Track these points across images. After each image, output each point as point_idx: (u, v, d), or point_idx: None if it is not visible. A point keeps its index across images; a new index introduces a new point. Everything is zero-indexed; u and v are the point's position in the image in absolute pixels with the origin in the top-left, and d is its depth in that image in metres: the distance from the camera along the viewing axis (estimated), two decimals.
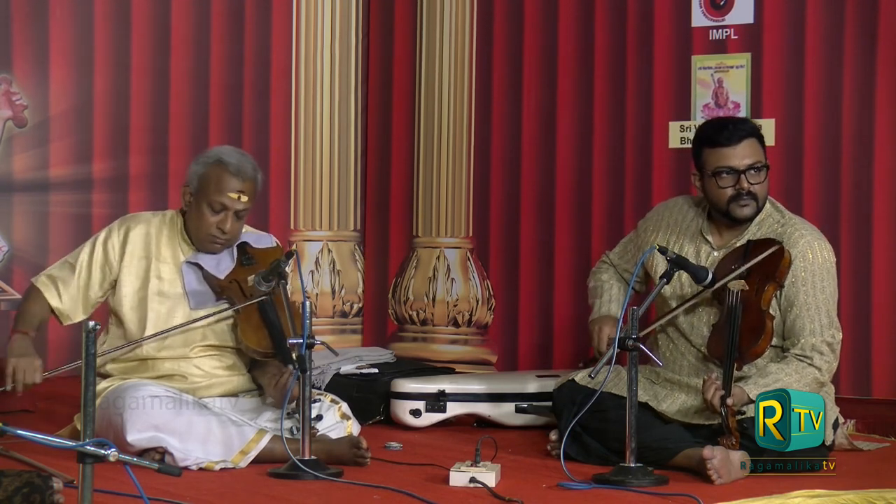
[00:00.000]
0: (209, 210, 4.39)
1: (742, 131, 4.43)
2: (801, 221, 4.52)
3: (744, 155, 4.41)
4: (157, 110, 6.16)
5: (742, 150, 4.41)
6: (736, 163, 4.40)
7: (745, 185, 4.40)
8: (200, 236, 4.44)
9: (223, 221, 4.40)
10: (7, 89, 5.85)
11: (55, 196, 5.96)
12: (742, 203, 4.43)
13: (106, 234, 4.52)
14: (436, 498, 3.74)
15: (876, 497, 3.85)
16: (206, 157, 4.45)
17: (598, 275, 4.86)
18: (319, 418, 4.34)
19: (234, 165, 4.39)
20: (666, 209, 4.69)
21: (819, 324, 4.35)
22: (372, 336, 6.54)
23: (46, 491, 3.28)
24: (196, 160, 4.48)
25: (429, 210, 6.38)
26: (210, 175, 4.39)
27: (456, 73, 6.29)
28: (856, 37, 5.31)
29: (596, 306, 4.77)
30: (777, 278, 4.34)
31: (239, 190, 4.39)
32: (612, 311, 4.71)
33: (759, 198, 4.44)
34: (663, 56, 5.72)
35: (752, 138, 4.44)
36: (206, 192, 4.39)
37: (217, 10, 6.30)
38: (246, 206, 4.41)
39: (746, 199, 4.42)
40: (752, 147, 4.43)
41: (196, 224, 4.43)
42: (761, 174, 4.41)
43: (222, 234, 4.41)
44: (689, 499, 3.78)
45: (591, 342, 4.66)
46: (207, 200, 4.39)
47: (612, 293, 4.77)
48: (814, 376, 4.31)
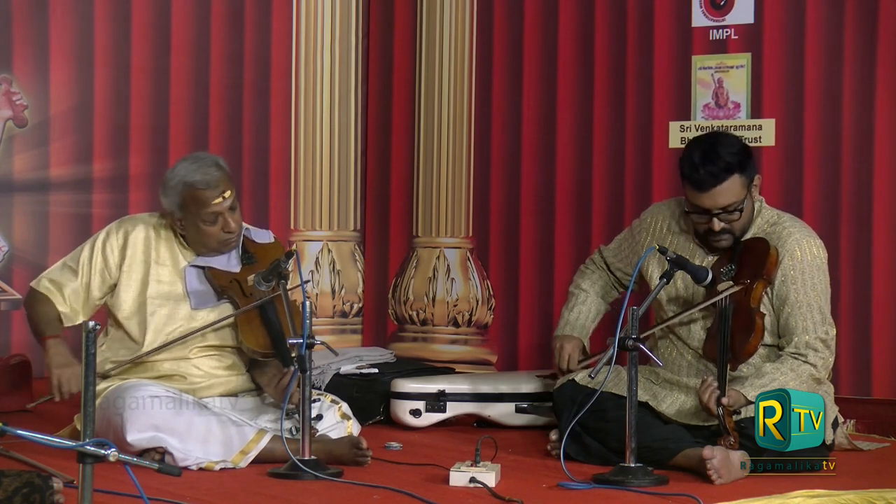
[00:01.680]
0: (205, 224, 4.39)
1: (714, 177, 4.28)
2: (791, 220, 4.49)
3: (716, 199, 4.32)
4: (157, 110, 6.16)
5: (715, 194, 4.31)
6: (707, 205, 4.33)
7: (717, 227, 4.35)
8: (212, 246, 4.44)
9: (225, 224, 4.40)
10: (7, 89, 5.85)
11: (55, 196, 5.96)
12: (716, 238, 4.40)
13: (104, 238, 4.50)
14: (436, 498, 3.74)
15: (876, 497, 3.85)
16: (172, 186, 4.38)
17: (580, 279, 4.85)
18: (319, 418, 4.34)
19: (200, 182, 4.35)
20: (660, 212, 4.68)
21: (812, 321, 4.35)
22: (372, 336, 6.54)
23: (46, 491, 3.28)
24: (163, 191, 4.41)
25: (429, 210, 6.38)
26: (185, 200, 4.37)
27: (456, 73, 6.29)
28: (856, 37, 5.31)
29: (562, 320, 4.78)
30: (765, 275, 4.33)
31: (219, 194, 4.37)
32: (577, 330, 4.73)
33: (735, 231, 4.39)
34: (663, 56, 5.71)
35: (728, 179, 4.30)
36: (192, 213, 4.38)
37: (217, 10, 6.30)
38: (232, 199, 4.41)
39: (720, 235, 4.39)
40: (727, 189, 4.31)
41: (202, 240, 4.43)
42: (736, 213, 4.34)
43: (230, 234, 4.42)
44: (689, 499, 3.78)
45: (553, 358, 4.68)
46: (198, 220, 4.39)
47: (583, 308, 4.77)
48: (809, 373, 4.31)
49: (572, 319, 4.76)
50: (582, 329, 4.75)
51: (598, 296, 4.80)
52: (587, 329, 4.77)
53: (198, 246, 4.46)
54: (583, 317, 4.76)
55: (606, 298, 4.82)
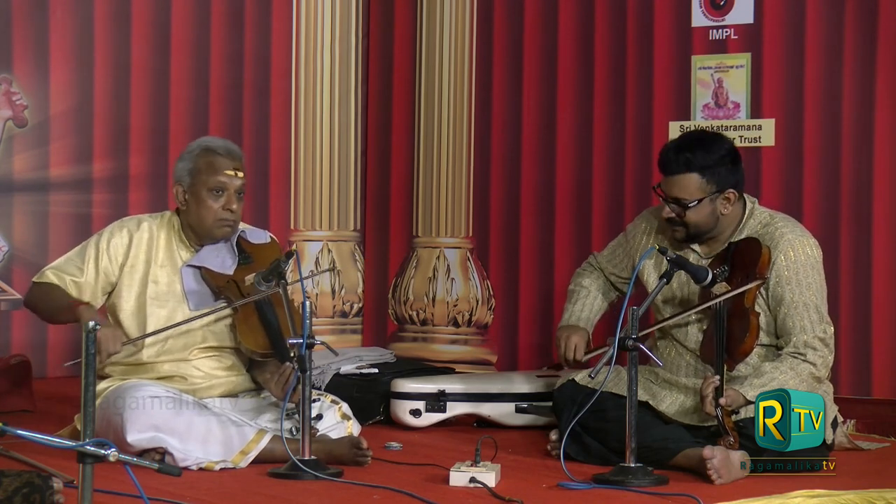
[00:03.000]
0: (210, 196, 4.38)
1: (675, 165, 4.37)
2: (783, 220, 4.48)
3: (671, 186, 4.39)
4: (157, 110, 6.16)
5: (671, 181, 4.38)
6: (665, 190, 4.42)
7: (666, 212, 4.40)
8: (208, 224, 4.41)
9: (228, 202, 4.39)
10: (7, 89, 5.85)
11: (55, 196, 5.97)
12: (671, 226, 4.45)
13: (108, 237, 4.48)
14: (436, 498, 3.74)
15: (876, 497, 3.85)
16: (191, 151, 4.46)
17: (580, 278, 4.85)
18: (319, 418, 4.34)
19: (221, 147, 4.42)
20: (654, 216, 4.68)
21: (809, 320, 4.35)
22: (372, 336, 6.54)
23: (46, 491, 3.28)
24: (181, 158, 4.47)
25: (429, 210, 6.38)
26: (200, 164, 4.39)
27: (456, 73, 6.30)
28: (856, 37, 5.31)
29: (567, 312, 4.77)
30: (758, 275, 4.33)
31: (234, 167, 4.39)
32: (582, 321, 4.72)
33: (688, 226, 4.41)
34: (663, 56, 5.72)
35: (688, 174, 4.36)
36: (203, 179, 4.38)
37: (217, 10, 6.30)
38: (243, 182, 4.41)
39: (672, 224, 4.43)
40: (684, 182, 4.36)
41: (200, 215, 4.41)
42: (684, 210, 4.37)
43: (231, 214, 4.40)
44: (689, 499, 3.78)
45: (558, 349, 4.67)
46: (206, 187, 4.38)
47: (587, 301, 4.77)
48: (809, 371, 4.30)
49: (576, 311, 4.75)
50: (587, 321, 4.74)
51: (599, 291, 4.80)
52: (591, 322, 4.76)
53: (195, 227, 4.43)
54: (587, 310, 4.75)
55: (607, 297, 4.82)
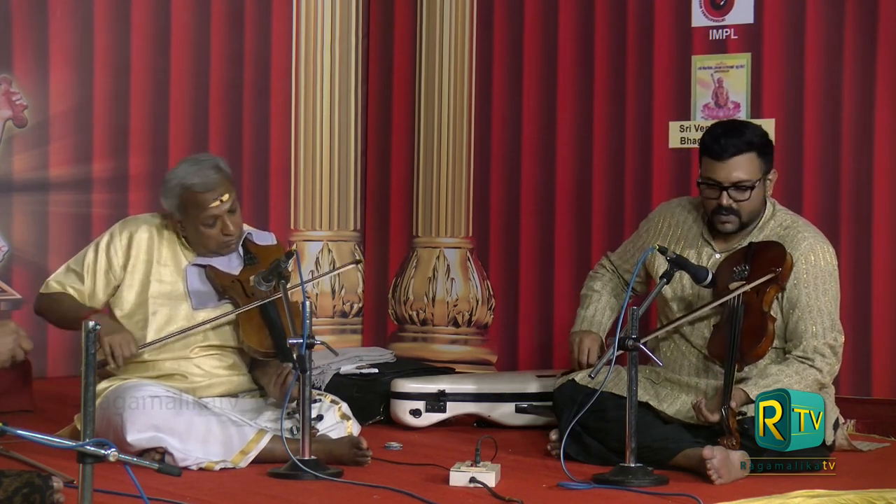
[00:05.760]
0: (205, 227, 4.40)
1: (734, 147, 4.33)
2: (804, 224, 4.49)
3: (731, 170, 4.34)
4: (157, 110, 6.16)
5: (730, 165, 4.33)
6: (721, 177, 4.35)
7: (725, 202, 4.35)
8: (212, 247, 4.45)
9: (224, 227, 4.41)
10: (7, 89, 5.85)
11: (55, 196, 5.97)
12: (722, 218, 4.39)
13: (108, 240, 4.50)
14: (436, 498, 3.74)
15: (876, 497, 3.85)
16: (171, 188, 4.41)
17: (592, 282, 4.84)
18: (320, 418, 4.34)
19: (199, 185, 4.36)
20: (668, 210, 4.68)
21: (821, 326, 4.34)
22: (372, 336, 6.54)
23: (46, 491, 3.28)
24: (163, 193, 4.43)
25: (429, 210, 6.38)
26: (184, 202, 4.38)
27: (456, 73, 6.29)
28: (856, 37, 5.31)
29: (579, 317, 4.77)
30: (779, 280, 4.33)
31: (217, 196, 4.38)
32: (594, 326, 4.71)
33: (742, 214, 4.38)
34: (663, 56, 5.72)
35: (747, 153, 4.35)
36: (193, 215, 4.39)
37: (217, 10, 6.30)
38: (232, 201, 4.41)
39: (726, 214, 4.38)
40: (744, 163, 4.34)
41: (201, 241, 4.44)
42: (746, 193, 4.35)
43: (230, 235, 4.42)
44: (689, 499, 3.78)
45: (571, 353, 4.67)
46: (197, 222, 4.40)
47: (599, 306, 4.76)
48: (814, 377, 4.30)
49: (588, 316, 4.74)
50: (599, 326, 4.73)
51: (611, 295, 4.78)
52: (604, 326, 4.75)
53: (198, 247, 4.47)
54: (599, 314, 4.75)
55: (619, 299, 4.80)
